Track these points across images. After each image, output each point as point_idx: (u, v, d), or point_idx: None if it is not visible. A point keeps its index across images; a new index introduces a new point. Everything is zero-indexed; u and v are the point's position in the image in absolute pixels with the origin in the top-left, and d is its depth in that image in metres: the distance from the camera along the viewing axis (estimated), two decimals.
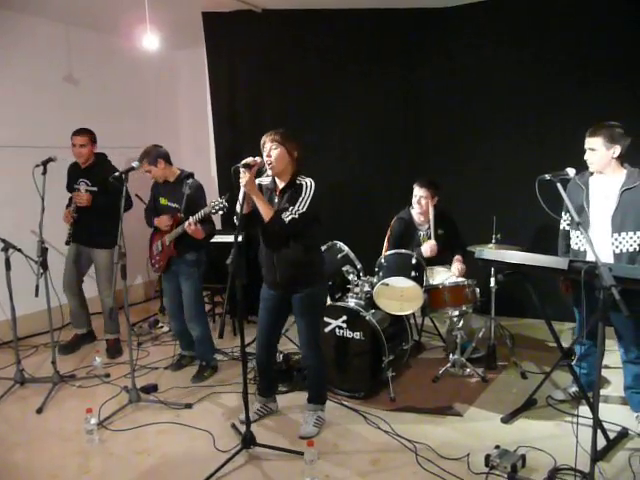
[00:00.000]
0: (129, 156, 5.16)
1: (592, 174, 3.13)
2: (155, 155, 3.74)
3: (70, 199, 4.40)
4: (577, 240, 3.19)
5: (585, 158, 3.07)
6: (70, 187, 4.42)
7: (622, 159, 3.04)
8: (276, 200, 3.01)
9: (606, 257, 2.94)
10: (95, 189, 4.30)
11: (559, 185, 2.84)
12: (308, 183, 2.96)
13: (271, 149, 2.92)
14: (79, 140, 4.27)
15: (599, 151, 2.99)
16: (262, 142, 2.98)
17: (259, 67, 5.34)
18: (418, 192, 4.08)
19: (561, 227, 3.35)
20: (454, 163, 5.03)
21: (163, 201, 3.85)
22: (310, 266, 3.07)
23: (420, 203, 4.08)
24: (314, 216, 2.97)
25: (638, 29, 4.22)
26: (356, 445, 3.03)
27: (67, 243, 4.42)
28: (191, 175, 3.84)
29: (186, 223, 3.54)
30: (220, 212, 3.28)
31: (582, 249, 3.14)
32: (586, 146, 3.05)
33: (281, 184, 3.03)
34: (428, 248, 3.95)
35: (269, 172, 3.00)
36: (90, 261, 4.50)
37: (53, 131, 4.74)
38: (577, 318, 3.33)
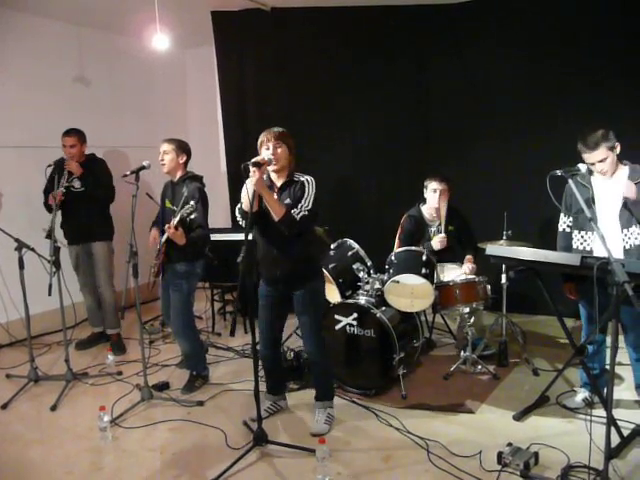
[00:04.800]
0: (139, 155, 5.19)
1: (592, 173, 3.06)
2: (185, 147, 3.70)
3: (48, 193, 4.23)
4: (582, 240, 3.12)
5: (598, 171, 2.96)
6: (54, 187, 4.16)
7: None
8: (275, 197, 3.01)
9: (617, 254, 2.90)
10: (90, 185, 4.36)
11: (571, 181, 2.82)
12: (309, 180, 3.01)
13: (276, 147, 2.95)
14: (69, 141, 4.28)
15: (609, 157, 2.91)
16: (261, 140, 2.99)
17: (268, 65, 5.35)
18: (436, 186, 4.06)
19: (560, 229, 3.27)
20: (464, 160, 5.00)
21: (167, 203, 3.74)
22: (310, 261, 3.12)
23: (438, 197, 4.06)
24: (316, 212, 3.00)
25: None
26: (368, 442, 3.03)
27: (71, 242, 4.42)
28: (196, 178, 3.68)
29: (167, 226, 3.38)
30: (191, 216, 3.31)
31: (588, 248, 3.08)
32: (592, 160, 2.92)
33: (279, 181, 3.05)
34: (437, 241, 3.95)
35: (270, 169, 3.00)
36: (89, 256, 4.54)
37: None
38: (583, 316, 3.27)
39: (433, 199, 4.08)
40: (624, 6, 4.25)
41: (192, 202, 3.32)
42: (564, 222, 3.26)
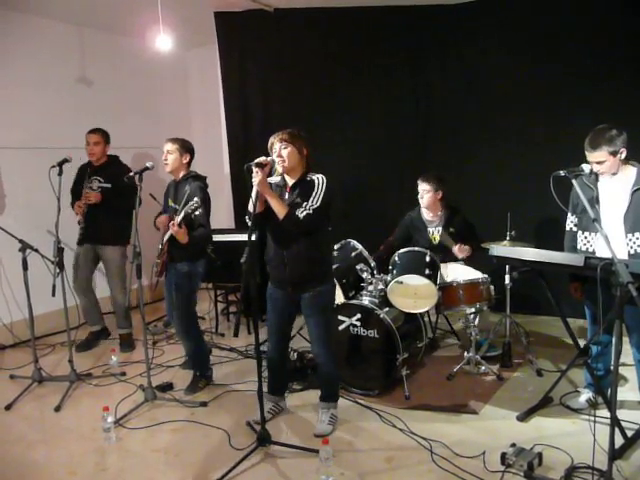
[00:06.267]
0: (143, 156, 5.21)
1: (596, 174, 3.00)
2: (188, 147, 3.68)
3: (74, 198, 4.42)
4: (585, 241, 3.09)
5: (595, 170, 2.90)
6: (78, 187, 4.41)
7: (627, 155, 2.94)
8: (286, 197, 3.01)
9: (621, 258, 2.88)
10: (108, 186, 4.36)
11: (574, 181, 2.81)
12: (320, 178, 2.96)
13: (281, 148, 2.94)
14: (93, 138, 4.36)
15: (608, 162, 2.86)
16: (270, 143, 2.99)
17: (271, 66, 5.36)
18: (419, 186, 4.12)
19: (567, 228, 3.25)
20: (467, 161, 4.99)
21: (170, 202, 3.72)
22: (321, 263, 3.07)
23: (422, 198, 4.10)
24: (326, 211, 2.96)
25: None
26: (371, 443, 3.03)
27: (79, 243, 4.43)
28: (199, 177, 3.66)
29: (170, 222, 3.39)
30: (196, 212, 3.29)
31: (591, 249, 3.05)
32: (590, 159, 2.89)
33: (291, 181, 3.04)
34: (456, 248, 3.99)
35: (279, 170, 3.00)
36: (97, 259, 4.55)
37: (68, 132, 4.80)
38: (588, 316, 3.25)
39: (420, 200, 4.15)
40: (624, 6, 4.24)
41: (196, 198, 3.31)
42: (571, 221, 3.23)
